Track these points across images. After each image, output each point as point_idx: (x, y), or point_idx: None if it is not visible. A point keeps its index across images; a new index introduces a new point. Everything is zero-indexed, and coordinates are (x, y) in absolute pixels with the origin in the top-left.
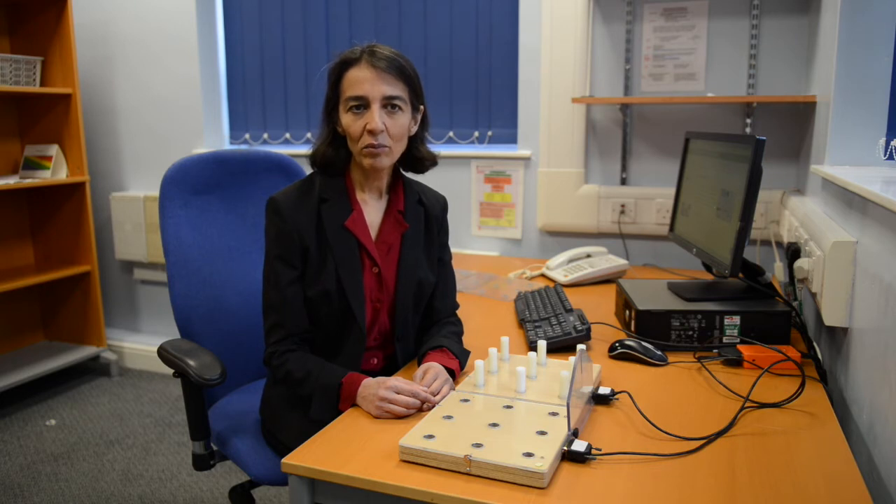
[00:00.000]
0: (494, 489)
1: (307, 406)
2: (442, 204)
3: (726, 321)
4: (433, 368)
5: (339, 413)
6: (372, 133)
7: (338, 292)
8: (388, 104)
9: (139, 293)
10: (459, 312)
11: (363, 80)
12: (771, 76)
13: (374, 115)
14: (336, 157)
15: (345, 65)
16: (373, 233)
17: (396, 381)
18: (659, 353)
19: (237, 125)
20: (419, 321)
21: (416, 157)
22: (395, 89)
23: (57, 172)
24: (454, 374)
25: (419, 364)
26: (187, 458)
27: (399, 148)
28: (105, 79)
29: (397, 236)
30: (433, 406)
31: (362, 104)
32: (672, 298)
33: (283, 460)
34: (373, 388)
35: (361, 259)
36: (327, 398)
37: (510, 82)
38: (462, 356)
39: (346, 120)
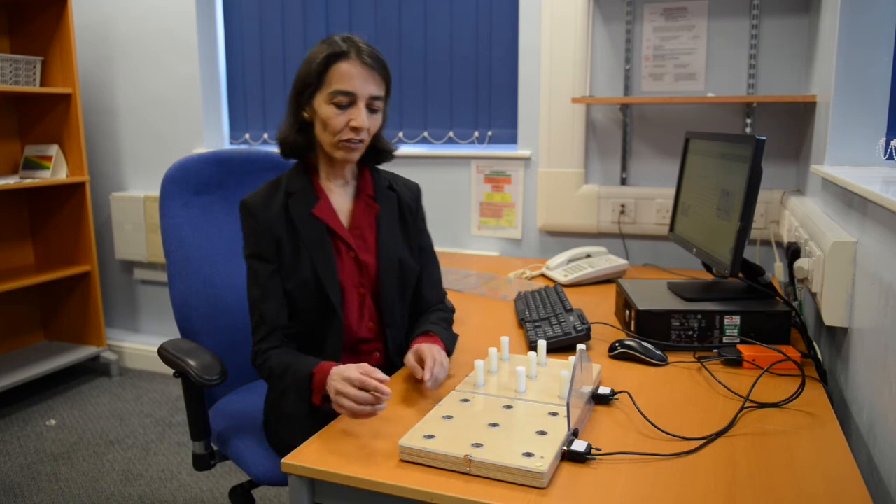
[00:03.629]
0: (494, 489)
1: (316, 413)
2: (414, 191)
3: (726, 321)
4: (428, 352)
5: (314, 408)
6: (356, 130)
7: (314, 281)
8: (371, 103)
9: (139, 293)
10: (459, 312)
11: (353, 77)
12: (771, 76)
13: (361, 113)
14: (305, 142)
15: (333, 56)
16: (344, 219)
17: (349, 370)
18: (659, 353)
19: (237, 125)
20: (407, 310)
21: (379, 149)
22: (380, 89)
23: (57, 172)
24: None
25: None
26: (187, 458)
27: (368, 143)
28: (105, 79)
29: (371, 219)
30: (383, 399)
31: (350, 100)
32: (672, 298)
33: (283, 460)
34: (335, 378)
35: (336, 245)
36: (300, 391)
37: (510, 82)
38: (449, 341)
39: (328, 112)
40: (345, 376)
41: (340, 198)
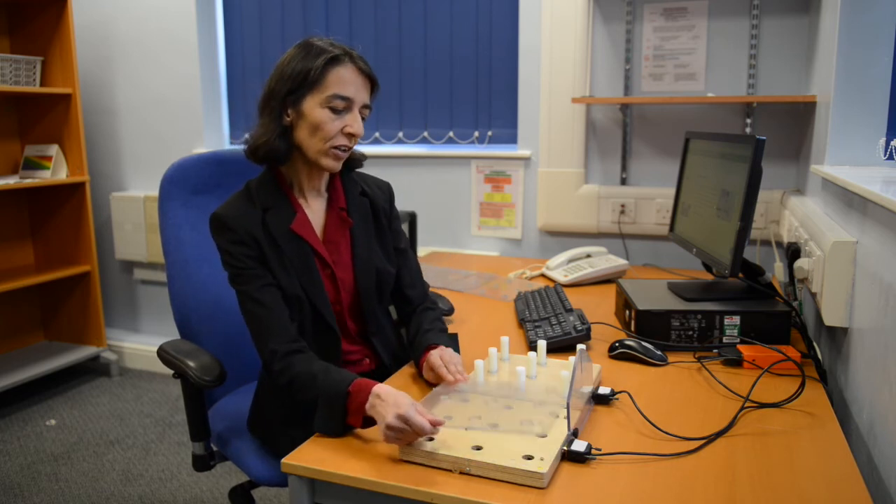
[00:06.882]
0: (494, 489)
1: (308, 418)
2: (386, 191)
3: (726, 321)
4: (437, 361)
5: (346, 429)
6: (351, 137)
7: (301, 297)
8: (363, 111)
9: (139, 293)
10: (459, 312)
11: (351, 82)
12: (771, 76)
13: (357, 119)
14: (285, 150)
15: (333, 60)
16: (319, 232)
17: (410, 409)
18: (659, 353)
19: (237, 125)
20: (388, 311)
21: (351, 157)
22: (369, 97)
23: (57, 172)
24: None
25: (416, 365)
26: (187, 458)
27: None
28: (105, 79)
29: (344, 234)
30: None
31: (347, 105)
32: (672, 298)
33: (283, 460)
34: (390, 403)
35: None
36: (332, 410)
37: (510, 82)
38: (452, 345)
39: (321, 116)
40: (400, 414)
41: (314, 211)
